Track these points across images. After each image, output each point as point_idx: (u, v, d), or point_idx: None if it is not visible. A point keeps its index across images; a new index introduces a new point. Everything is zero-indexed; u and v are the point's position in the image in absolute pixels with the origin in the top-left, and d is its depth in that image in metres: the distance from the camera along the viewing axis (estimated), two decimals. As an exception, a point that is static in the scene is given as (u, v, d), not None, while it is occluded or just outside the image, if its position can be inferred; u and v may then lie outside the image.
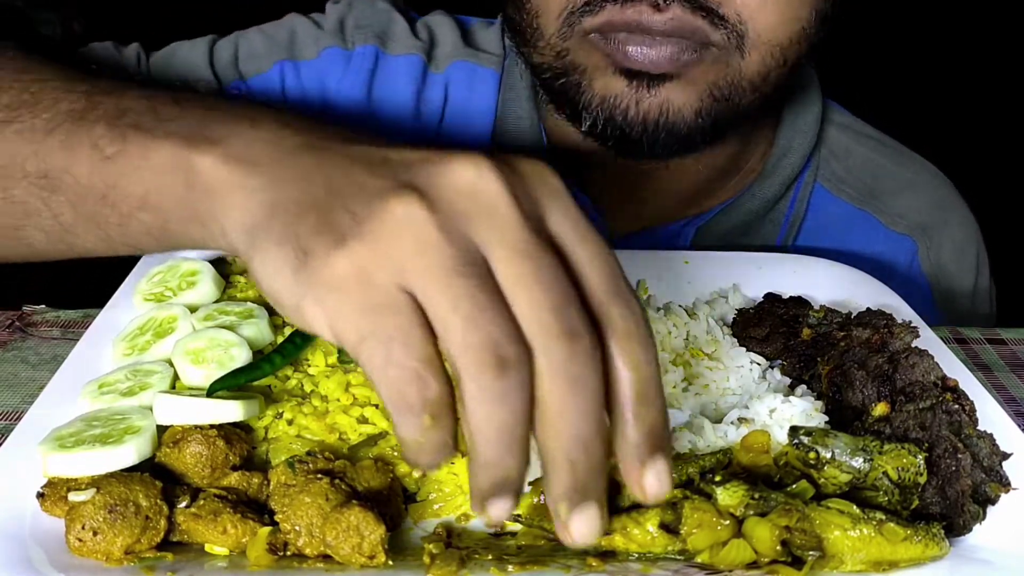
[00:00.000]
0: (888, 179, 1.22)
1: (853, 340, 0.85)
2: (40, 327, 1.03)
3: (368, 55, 1.16)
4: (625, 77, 0.95)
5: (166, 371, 0.78)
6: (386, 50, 1.17)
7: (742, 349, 0.90)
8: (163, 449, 0.71)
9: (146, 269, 0.92)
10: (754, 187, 1.16)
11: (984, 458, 0.73)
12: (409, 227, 0.54)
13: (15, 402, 0.90)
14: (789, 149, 1.16)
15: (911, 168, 1.25)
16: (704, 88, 0.95)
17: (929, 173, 1.26)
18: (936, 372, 0.81)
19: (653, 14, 0.90)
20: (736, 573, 0.65)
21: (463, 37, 1.20)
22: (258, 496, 0.70)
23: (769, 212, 1.17)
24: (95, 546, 0.64)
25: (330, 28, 1.18)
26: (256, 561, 0.65)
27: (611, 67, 0.95)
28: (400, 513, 0.72)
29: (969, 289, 1.25)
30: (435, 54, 1.19)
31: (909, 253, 1.21)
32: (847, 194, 1.21)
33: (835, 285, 1.02)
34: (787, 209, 1.18)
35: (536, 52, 1.00)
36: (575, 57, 0.97)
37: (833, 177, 1.21)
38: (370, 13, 1.19)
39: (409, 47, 1.17)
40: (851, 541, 0.65)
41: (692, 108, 0.96)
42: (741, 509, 0.67)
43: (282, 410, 0.78)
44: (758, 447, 0.75)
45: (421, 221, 0.54)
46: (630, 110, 0.95)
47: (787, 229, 1.19)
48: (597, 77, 0.96)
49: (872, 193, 1.21)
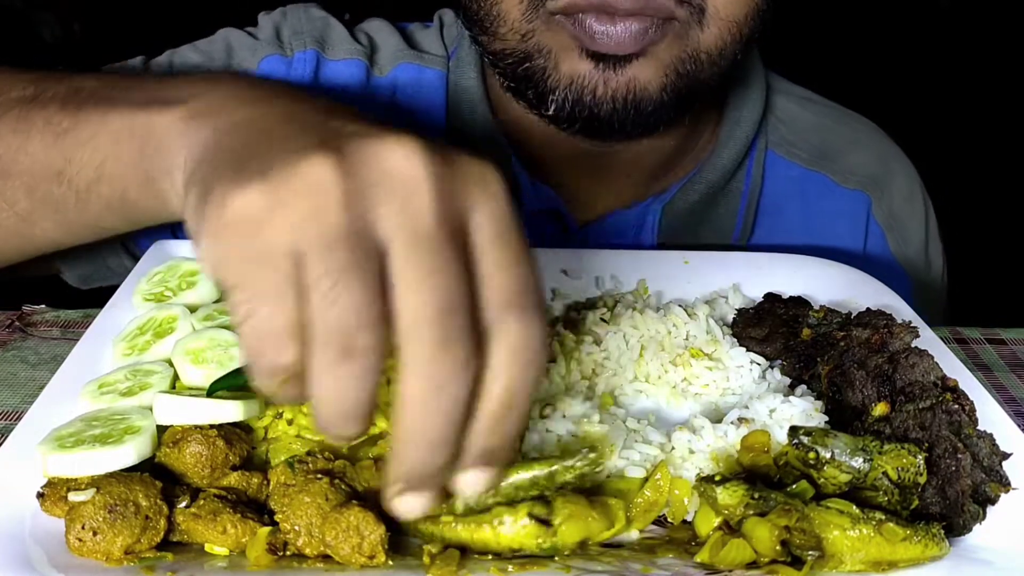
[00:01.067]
0: (835, 139, 1.27)
1: (853, 340, 0.85)
2: (40, 327, 1.03)
3: (309, 60, 1.15)
4: (591, 59, 0.96)
5: (166, 371, 0.78)
6: (327, 54, 1.16)
7: (742, 349, 0.90)
8: (163, 449, 0.71)
9: (146, 269, 0.92)
10: (711, 159, 1.18)
11: (984, 458, 0.73)
12: (313, 189, 0.53)
13: (15, 402, 0.90)
14: (739, 119, 1.18)
15: (853, 126, 1.30)
16: (668, 63, 0.97)
17: (869, 128, 1.32)
18: (936, 372, 0.81)
19: None
20: (736, 573, 0.66)
21: (404, 39, 1.21)
22: (258, 496, 0.70)
23: (728, 183, 1.19)
24: (95, 546, 0.64)
25: (266, 37, 1.17)
26: (256, 561, 0.65)
27: (577, 49, 0.96)
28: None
29: (921, 233, 1.29)
30: (377, 58, 1.18)
31: (864, 207, 1.25)
32: (799, 157, 1.24)
33: (835, 285, 1.02)
34: (744, 178, 1.21)
35: (497, 39, 1.00)
36: (541, 39, 0.97)
37: (783, 142, 1.24)
38: (306, 20, 1.18)
39: (350, 51, 1.17)
40: (850, 541, 0.65)
41: (658, 84, 0.97)
42: (741, 509, 0.67)
43: (282, 410, 0.78)
44: (758, 447, 0.75)
45: (327, 185, 0.53)
46: (598, 89, 0.96)
47: (747, 198, 1.21)
48: (563, 59, 0.97)
49: (822, 154, 1.25)
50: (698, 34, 0.96)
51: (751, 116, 1.19)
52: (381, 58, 1.19)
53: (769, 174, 1.23)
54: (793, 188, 1.23)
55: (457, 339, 0.54)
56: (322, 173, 0.53)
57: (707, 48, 0.98)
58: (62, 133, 0.75)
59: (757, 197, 1.22)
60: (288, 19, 1.18)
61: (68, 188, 0.76)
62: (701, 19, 0.95)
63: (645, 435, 0.78)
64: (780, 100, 1.26)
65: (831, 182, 1.24)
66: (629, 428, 0.79)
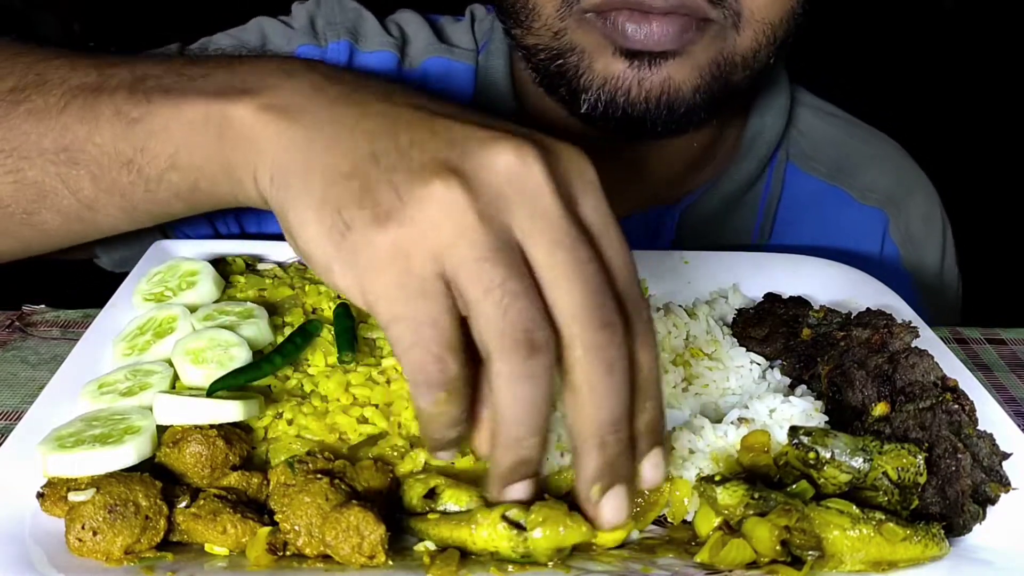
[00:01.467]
0: (855, 155, 1.26)
1: (853, 340, 0.85)
2: (40, 327, 1.03)
3: (342, 51, 1.17)
4: (626, 58, 0.95)
5: (166, 371, 0.78)
6: (359, 46, 1.18)
7: (742, 349, 0.90)
8: (163, 449, 0.71)
9: (146, 269, 0.92)
10: (731, 169, 1.18)
11: (984, 458, 0.73)
12: (449, 213, 0.56)
13: (15, 402, 0.90)
14: (762, 129, 1.19)
15: (875, 144, 1.30)
16: (704, 65, 0.97)
17: (892, 147, 1.31)
18: (936, 372, 0.81)
19: None
20: (736, 573, 0.65)
21: (435, 33, 1.21)
22: (258, 496, 0.70)
23: (747, 193, 1.19)
24: (95, 546, 0.64)
25: (301, 27, 1.18)
26: (256, 561, 0.65)
27: (611, 48, 0.95)
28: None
29: (937, 255, 1.29)
30: (408, 50, 1.19)
31: (880, 225, 1.25)
32: (817, 171, 1.24)
33: (835, 285, 1.02)
34: (763, 190, 1.21)
35: (531, 33, 1.00)
36: (573, 37, 0.97)
37: (803, 155, 1.24)
38: (339, 10, 1.19)
39: (382, 43, 1.18)
40: (850, 541, 0.65)
41: (691, 85, 0.97)
42: (741, 509, 0.67)
43: (282, 410, 0.78)
44: (758, 447, 0.75)
45: (462, 208, 0.56)
46: (632, 90, 0.96)
47: (765, 208, 1.21)
48: (597, 58, 0.97)
49: (841, 169, 1.25)
50: (734, 36, 0.96)
51: (774, 126, 1.19)
52: (412, 50, 1.19)
53: (788, 186, 1.22)
54: (811, 201, 1.23)
55: (612, 321, 0.58)
56: (451, 195, 0.57)
57: (742, 51, 0.98)
58: (132, 122, 0.74)
59: (775, 208, 1.21)
60: (322, 9, 1.19)
61: (137, 176, 0.75)
62: (737, 22, 0.95)
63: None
64: (803, 113, 1.25)
65: (849, 197, 1.24)
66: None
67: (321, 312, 0.89)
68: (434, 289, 0.57)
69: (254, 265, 0.98)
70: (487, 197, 0.57)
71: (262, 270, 0.97)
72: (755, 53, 0.98)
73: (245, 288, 0.92)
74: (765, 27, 0.97)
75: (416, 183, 0.58)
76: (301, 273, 0.96)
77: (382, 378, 0.81)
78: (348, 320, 0.85)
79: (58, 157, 0.77)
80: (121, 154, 0.75)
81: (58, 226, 0.83)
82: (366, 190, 0.59)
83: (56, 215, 0.81)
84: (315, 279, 0.94)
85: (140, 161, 0.75)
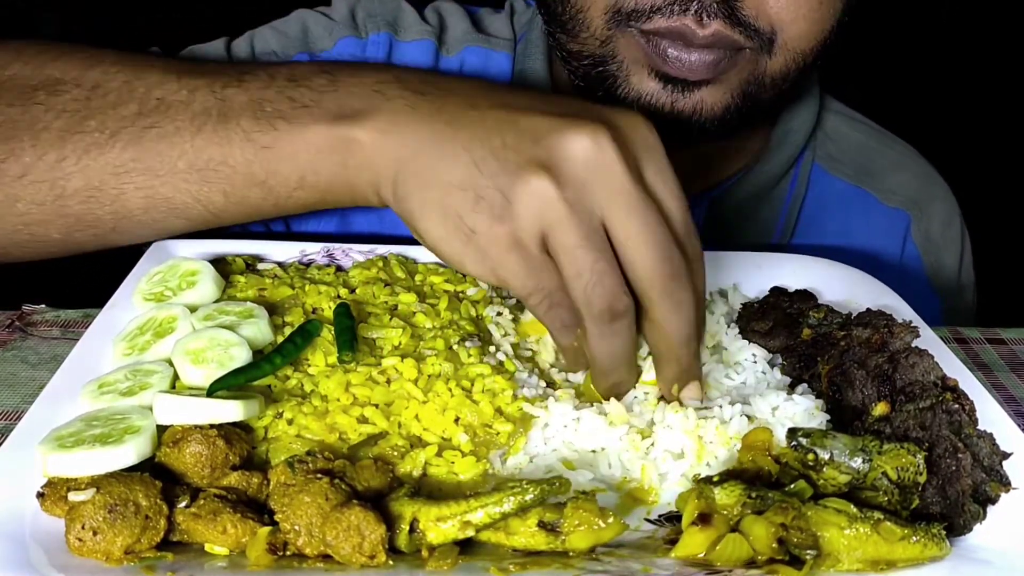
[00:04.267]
0: (880, 159, 1.30)
1: (853, 340, 0.85)
2: (40, 327, 1.03)
3: (382, 43, 1.20)
4: (660, 80, 0.97)
5: (166, 371, 0.78)
6: (398, 37, 1.21)
7: (745, 342, 0.90)
8: (163, 449, 0.71)
9: (146, 269, 0.92)
10: (760, 164, 1.20)
11: (984, 458, 0.73)
12: (546, 204, 0.73)
13: (15, 402, 0.90)
14: (790, 129, 1.21)
15: (898, 150, 1.34)
16: (735, 87, 0.99)
17: (913, 153, 1.35)
18: (936, 372, 0.81)
19: (696, 28, 0.93)
20: (736, 572, 0.65)
21: (473, 23, 1.24)
22: (258, 496, 0.70)
23: (773, 188, 1.22)
24: (95, 546, 0.64)
25: (342, 19, 1.22)
26: (256, 561, 0.65)
27: (648, 67, 0.97)
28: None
29: (955, 261, 1.32)
30: (446, 38, 1.23)
31: (903, 225, 1.28)
32: (843, 172, 1.27)
33: (835, 285, 1.02)
34: (789, 186, 1.23)
35: (576, 41, 1.02)
36: (617, 46, 0.99)
37: (828, 157, 1.27)
38: (379, 3, 1.22)
39: (421, 32, 1.21)
40: (847, 539, 0.65)
41: (722, 106, 1.00)
42: (738, 508, 0.67)
43: (282, 410, 0.78)
44: (759, 444, 0.75)
45: (554, 199, 0.73)
46: (664, 108, 0.98)
47: (790, 205, 1.23)
48: (634, 72, 0.99)
49: (866, 172, 1.28)
50: (766, 61, 0.98)
51: (803, 127, 1.21)
52: (450, 39, 1.23)
53: (813, 185, 1.25)
54: (835, 200, 1.26)
55: (678, 270, 0.75)
56: (544, 189, 0.73)
57: (772, 74, 1.00)
58: (263, 149, 0.84)
59: (800, 205, 1.24)
60: (363, 1, 1.22)
61: (268, 194, 0.86)
62: (770, 49, 0.97)
63: (648, 429, 0.79)
64: (831, 118, 1.29)
65: (873, 199, 1.27)
66: (635, 426, 0.79)
67: (321, 312, 0.89)
68: (549, 265, 0.75)
69: (254, 265, 0.98)
70: (573, 185, 0.73)
71: (262, 270, 0.96)
72: (785, 76, 1.01)
73: (245, 288, 0.92)
74: (796, 55, 0.99)
75: (516, 184, 0.73)
76: (301, 273, 0.96)
77: (382, 378, 0.81)
78: (348, 320, 0.85)
79: (191, 176, 0.86)
80: (254, 176, 0.85)
81: (181, 227, 0.92)
82: (478, 197, 0.75)
83: (183, 222, 0.91)
84: (315, 279, 0.94)
85: (271, 183, 0.85)
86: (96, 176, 0.87)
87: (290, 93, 0.85)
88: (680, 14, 0.93)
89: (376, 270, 0.95)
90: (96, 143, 0.87)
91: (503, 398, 0.81)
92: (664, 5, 0.93)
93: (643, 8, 0.94)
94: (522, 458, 0.78)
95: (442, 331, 0.87)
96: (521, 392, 0.82)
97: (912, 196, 1.28)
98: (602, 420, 0.79)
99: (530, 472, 0.77)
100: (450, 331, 0.87)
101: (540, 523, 0.66)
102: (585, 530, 0.66)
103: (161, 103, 0.87)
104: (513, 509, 0.66)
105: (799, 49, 0.99)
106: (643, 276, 0.75)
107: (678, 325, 0.77)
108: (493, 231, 0.74)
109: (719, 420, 0.79)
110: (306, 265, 0.99)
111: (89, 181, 0.87)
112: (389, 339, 0.86)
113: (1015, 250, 2.87)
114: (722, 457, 0.77)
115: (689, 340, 0.78)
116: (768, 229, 1.23)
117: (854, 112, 1.33)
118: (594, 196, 0.73)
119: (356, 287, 0.93)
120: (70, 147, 0.87)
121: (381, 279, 0.94)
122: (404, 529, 0.66)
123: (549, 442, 0.79)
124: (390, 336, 0.86)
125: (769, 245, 1.21)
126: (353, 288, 0.93)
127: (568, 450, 0.78)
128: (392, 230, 1.16)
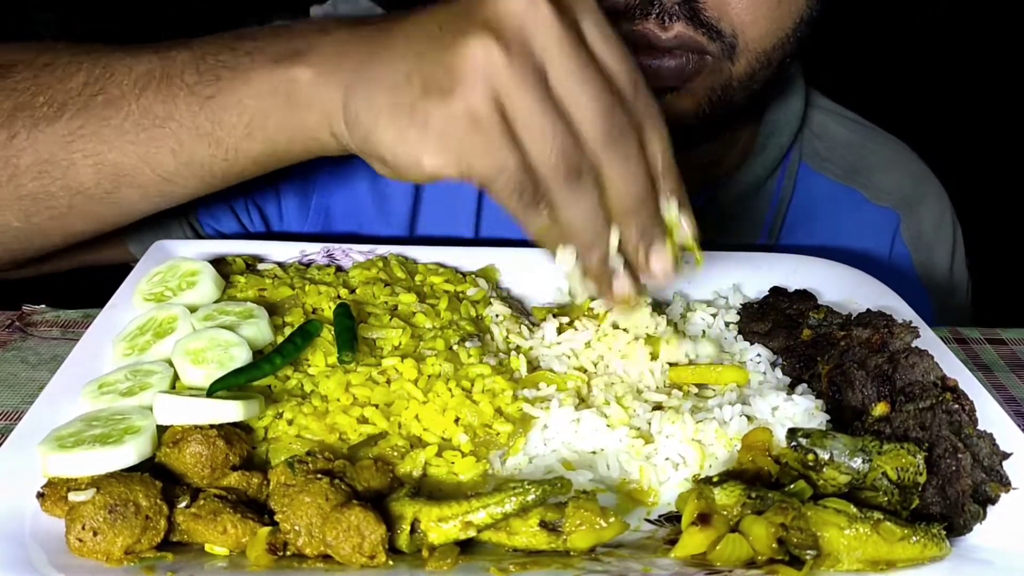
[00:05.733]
0: (869, 157, 1.29)
1: (853, 340, 0.85)
2: (40, 327, 1.03)
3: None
4: None
5: (166, 371, 0.78)
6: None
7: (746, 344, 0.90)
8: (163, 449, 0.71)
9: (146, 269, 0.92)
10: (745, 166, 1.20)
11: (984, 458, 0.73)
12: (491, 66, 0.67)
13: (15, 402, 0.90)
14: (776, 129, 1.21)
15: (888, 147, 1.33)
16: (702, 95, 1.00)
17: (905, 151, 1.34)
18: (936, 372, 0.81)
19: (659, 31, 0.94)
20: (736, 572, 0.65)
21: None
22: (258, 496, 0.70)
23: (760, 189, 1.22)
24: (95, 546, 0.64)
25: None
26: (256, 561, 0.65)
27: None
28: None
29: (947, 259, 1.32)
30: None
31: (892, 225, 1.28)
32: (831, 172, 1.27)
33: (835, 285, 1.01)
34: (776, 187, 1.23)
35: None
36: None
37: (816, 156, 1.27)
38: (354, 12, 1.20)
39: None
40: (847, 539, 0.65)
41: (692, 113, 1.01)
42: (738, 508, 0.67)
43: (282, 410, 0.78)
44: (759, 445, 0.75)
45: (498, 59, 0.67)
46: None
47: (777, 205, 1.23)
48: None
49: (855, 170, 1.28)
50: (729, 67, 1.00)
51: (788, 125, 1.22)
52: None
53: (800, 184, 1.25)
54: (823, 200, 1.26)
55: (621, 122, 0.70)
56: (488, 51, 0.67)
57: (738, 77, 1.01)
58: (207, 99, 0.83)
59: (786, 205, 1.24)
60: (339, 10, 1.22)
61: (217, 148, 0.84)
62: (732, 54, 0.98)
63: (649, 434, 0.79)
64: (817, 115, 1.28)
65: (862, 197, 1.27)
66: (635, 425, 0.79)
67: (321, 312, 0.89)
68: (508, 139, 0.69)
69: (254, 265, 0.98)
70: (515, 42, 0.68)
71: (262, 270, 0.97)
72: (751, 76, 1.01)
73: (245, 288, 0.92)
74: (759, 55, 1.00)
75: (458, 53, 0.68)
76: (301, 273, 0.96)
77: (382, 378, 0.81)
78: (348, 320, 0.85)
79: (138, 137, 0.85)
80: (200, 128, 0.83)
81: (136, 200, 0.90)
82: (425, 83, 0.69)
83: (135, 191, 0.89)
84: (315, 279, 0.94)
85: (219, 134, 0.83)
86: (46, 148, 0.86)
87: (232, 44, 0.84)
88: (641, 18, 0.94)
89: (376, 270, 0.95)
90: (45, 116, 0.86)
91: (503, 398, 0.81)
92: (625, 10, 0.94)
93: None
94: (522, 458, 0.78)
95: (442, 331, 0.87)
96: (521, 393, 0.82)
97: (903, 195, 1.28)
98: (602, 421, 0.79)
99: (529, 472, 0.77)
100: (450, 331, 0.87)
101: (542, 523, 0.67)
102: (587, 530, 0.66)
103: (106, 70, 0.87)
104: (515, 509, 0.66)
105: (760, 49, 1.00)
106: (587, 134, 0.70)
107: (627, 180, 0.72)
108: (448, 110, 0.68)
109: (719, 421, 0.79)
110: (306, 265, 0.99)
111: (39, 155, 0.86)
112: (389, 339, 0.86)
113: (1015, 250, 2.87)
114: (722, 457, 0.77)
115: (643, 198, 0.73)
116: (754, 230, 1.22)
117: (843, 108, 1.33)
118: (533, 49, 0.69)
119: (356, 287, 0.93)
120: (19, 123, 0.87)
121: (381, 279, 0.94)
122: (405, 529, 0.66)
123: (549, 443, 0.79)
124: (390, 336, 0.86)
125: (756, 246, 1.21)
126: (353, 288, 0.93)
127: (567, 451, 0.79)
128: (392, 230, 1.16)
